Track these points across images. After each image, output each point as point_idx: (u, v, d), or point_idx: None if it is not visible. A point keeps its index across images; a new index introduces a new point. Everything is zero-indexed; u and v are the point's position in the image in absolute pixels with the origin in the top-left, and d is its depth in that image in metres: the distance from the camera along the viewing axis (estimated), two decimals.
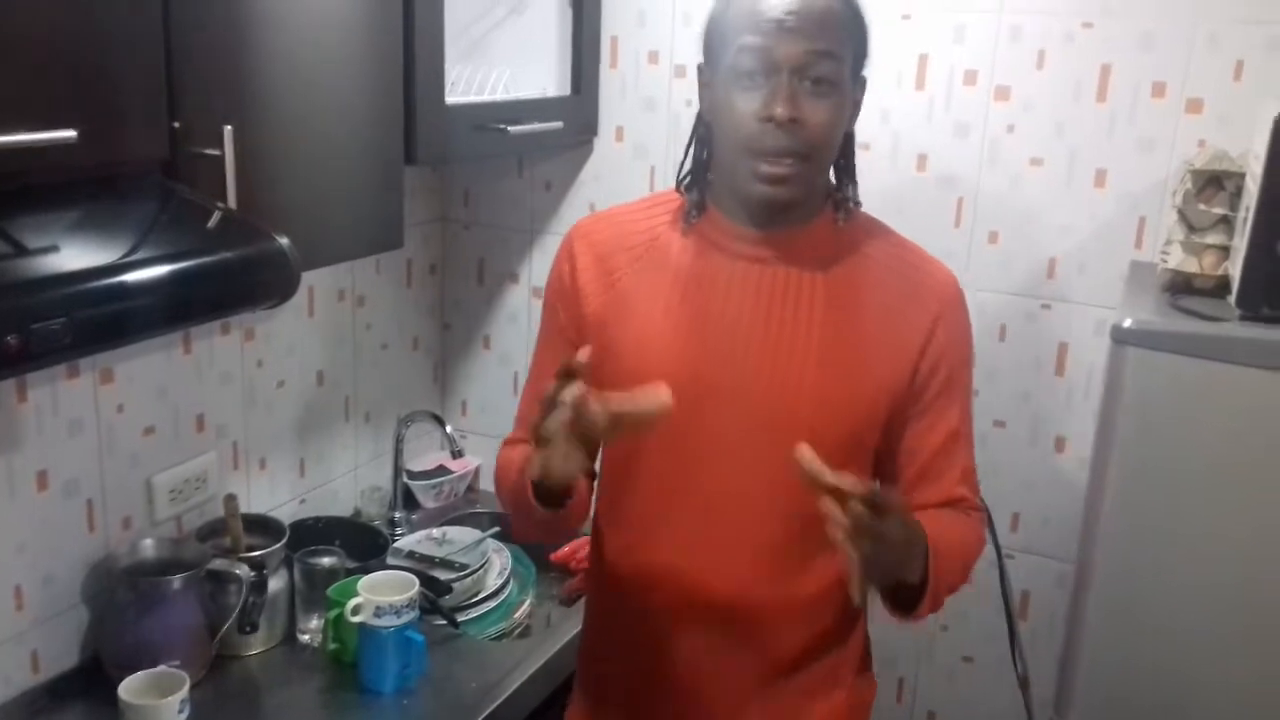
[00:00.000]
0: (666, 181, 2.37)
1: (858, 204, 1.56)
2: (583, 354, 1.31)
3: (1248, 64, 1.94)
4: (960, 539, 1.56)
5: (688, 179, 1.57)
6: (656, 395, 1.30)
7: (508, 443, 1.67)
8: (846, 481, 1.27)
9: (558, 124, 2.24)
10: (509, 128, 2.08)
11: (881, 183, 2.22)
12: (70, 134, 1.26)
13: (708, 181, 1.55)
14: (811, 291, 1.50)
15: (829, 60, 1.40)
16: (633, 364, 1.49)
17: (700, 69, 1.51)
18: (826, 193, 1.54)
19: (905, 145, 2.19)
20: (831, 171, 1.54)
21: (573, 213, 2.51)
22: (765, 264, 1.50)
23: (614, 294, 1.55)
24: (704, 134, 1.54)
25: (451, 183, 2.63)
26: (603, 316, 1.55)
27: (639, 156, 2.42)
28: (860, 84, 1.48)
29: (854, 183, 1.56)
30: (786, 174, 1.42)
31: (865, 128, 2.17)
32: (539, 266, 2.58)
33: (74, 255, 1.30)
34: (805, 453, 1.28)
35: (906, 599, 1.47)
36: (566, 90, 2.34)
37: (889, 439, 1.56)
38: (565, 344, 1.57)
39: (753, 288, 1.50)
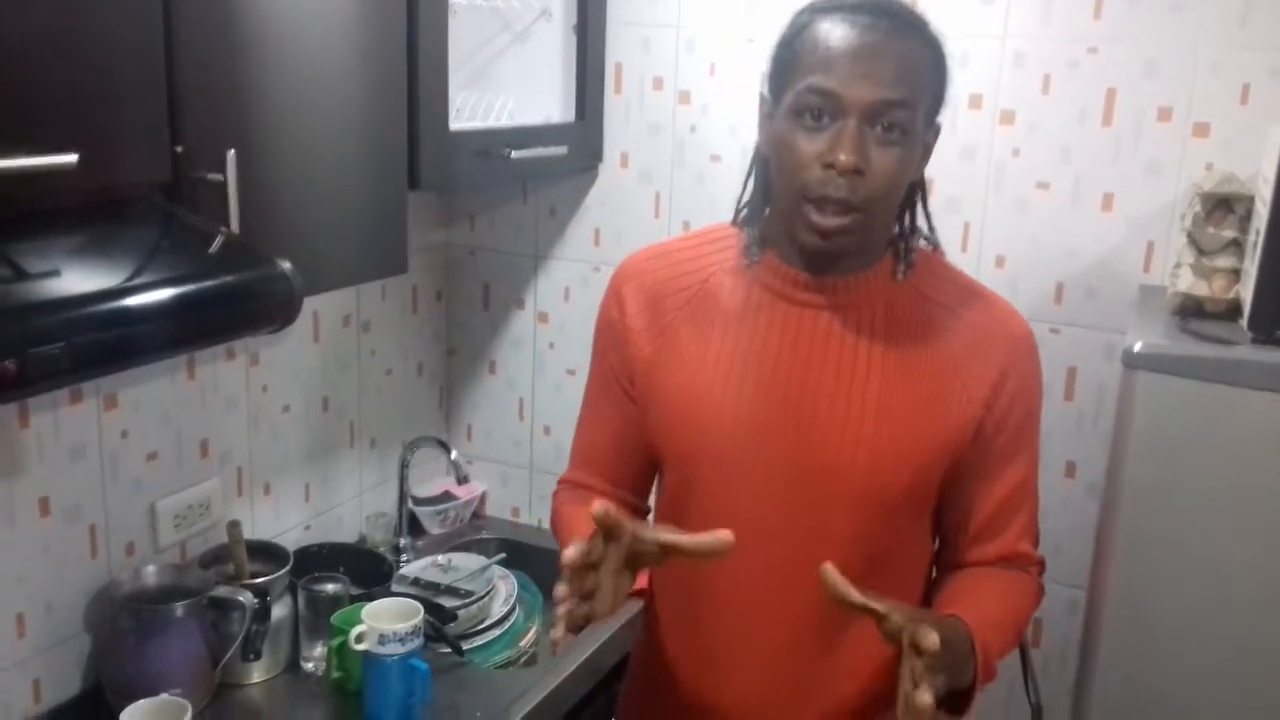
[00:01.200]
0: (672, 207, 2.38)
1: (934, 246, 1.50)
2: (598, 506, 1.21)
3: (1254, 88, 1.93)
4: (1014, 608, 1.49)
5: (744, 214, 1.51)
6: (720, 540, 1.23)
7: (564, 482, 1.64)
8: (876, 603, 1.23)
9: (562, 149, 2.24)
10: (513, 153, 2.08)
11: None
12: (71, 158, 1.25)
13: (764, 218, 1.49)
14: (870, 340, 1.43)
15: (903, 108, 1.31)
16: (682, 412, 1.46)
17: (762, 98, 1.41)
18: (889, 240, 1.46)
19: None
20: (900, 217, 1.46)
21: (578, 238, 2.51)
22: (820, 310, 1.43)
23: (665, 339, 1.50)
24: (762, 168, 1.47)
25: (457, 209, 2.63)
26: (653, 362, 1.50)
27: (644, 182, 2.41)
28: (934, 130, 1.40)
29: (920, 230, 1.48)
30: (843, 226, 1.33)
31: None
32: (544, 292, 2.58)
33: (74, 280, 1.30)
34: (830, 572, 1.24)
35: (953, 702, 1.32)
36: (571, 117, 2.34)
37: (952, 493, 1.48)
38: (618, 387, 1.55)
39: (807, 335, 1.43)
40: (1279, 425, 1.54)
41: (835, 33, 1.32)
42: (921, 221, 1.48)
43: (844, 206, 1.32)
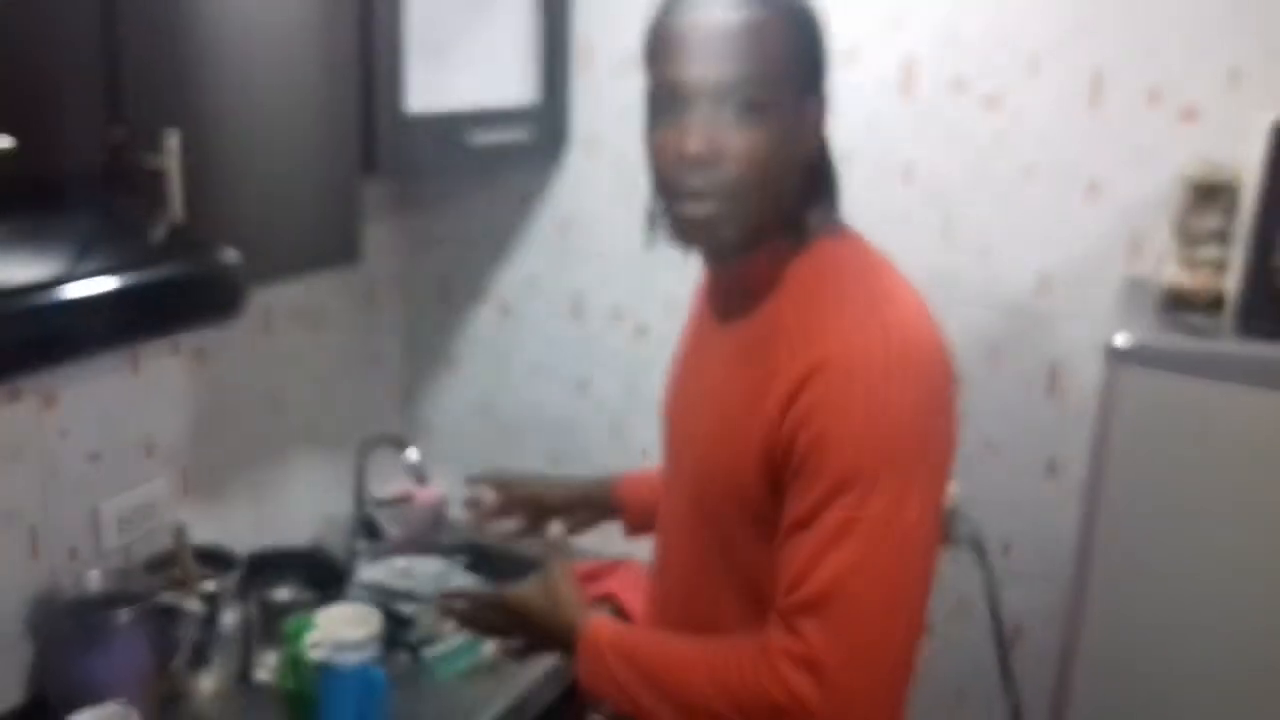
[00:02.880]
0: (645, 195, 2.32)
1: (839, 229, 1.38)
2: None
3: (1243, 74, 1.90)
4: (680, 680, 1.31)
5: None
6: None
7: None
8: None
9: (526, 133, 2.20)
10: (474, 137, 2.04)
11: (867, 194, 2.16)
12: (6, 143, 1.23)
13: None
14: (728, 336, 1.38)
15: (755, 83, 1.23)
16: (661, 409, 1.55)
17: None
18: (782, 221, 1.32)
19: (892, 156, 2.15)
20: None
21: (543, 226, 2.47)
22: (712, 303, 1.43)
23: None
24: None
25: (415, 195, 2.58)
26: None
27: (615, 168, 2.36)
28: (815, 100, 1.31)
29: (824, 208, 1.36)
30: (708, 215, 1.26)
31: (849, 137, 2.13)
32: (508, 282, 2.53)
33: (6, 271, 1.26)
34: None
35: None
36: (536, 97, 2.28)
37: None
38: None
39: (697, 330, 1.48)
40: (1264, 419, 1.55)
41: (673, 21, 1.26)
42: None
43: (705, 192, 1.25)
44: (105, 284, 1.32)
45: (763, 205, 1.28)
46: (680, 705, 1.31)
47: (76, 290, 1.29)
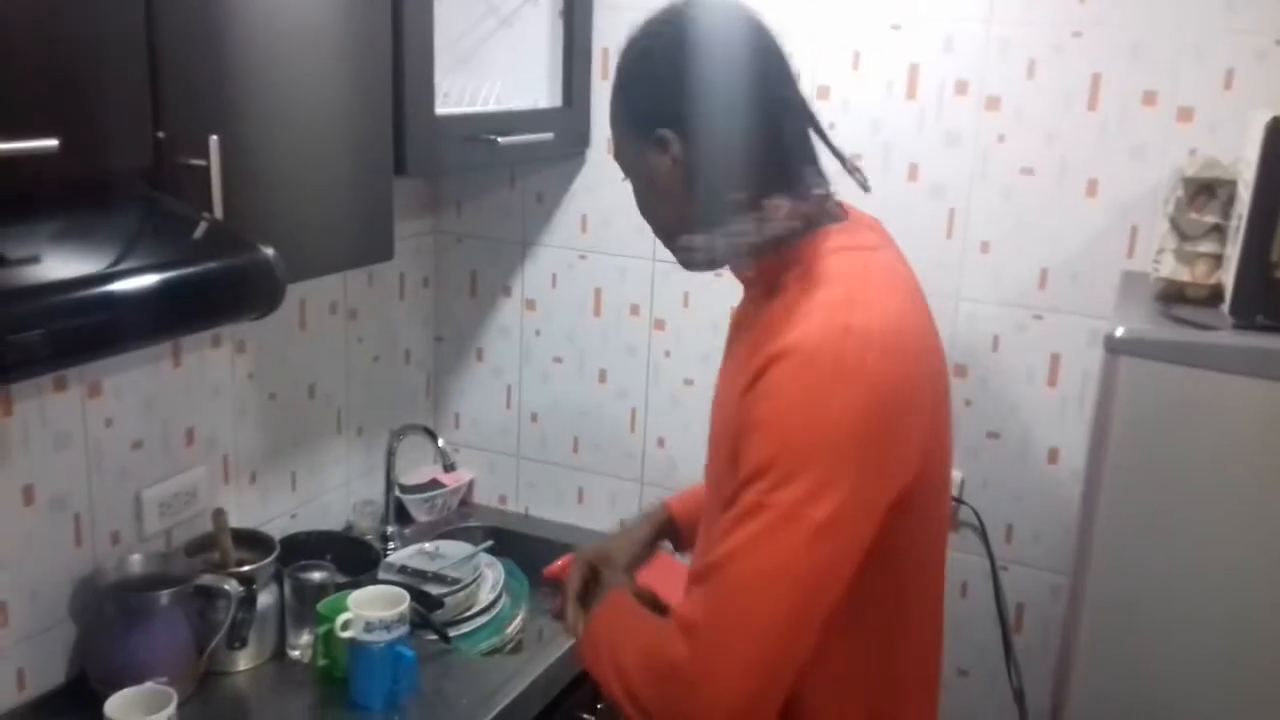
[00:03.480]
0: None
1: (843, 221, 1.41)
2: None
3: (1238, 73, 1.93)
4: (617, 643, 1.36)
5: None
6: None
7: None
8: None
9: (549, 135, 2.23)
10: (499, 139, 2.07)
11: (872, 193, 2.20)
12: (52, 143, 1.25)
13: None
14: (740, 338, 1.43)
15: (617, 155, 1.44)
16: None
17: None
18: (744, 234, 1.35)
19: (896, 155, 2.18)
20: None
21: (565, 225, 2.51)
22: (736, 311, 1.53)
23: None
24: None
25: (443, 195, 2.62)
26: None
27: None
28: (652, 140, 1.34)
29: (732, 226, 1.35)
30: (671, 251, 1.44)
31: (856, 138, 2.19)
32: (531, 278, 2.57)
33: (55, 266, 1.29)
34: None
35: None
36: (558, 102, 2.33)
37: None
38: None
39: (730, 335, 1.55)
40: (1260, 410, 1.54)
41: None
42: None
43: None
44: (149, 279, 1.34)
45: (685, 235, 1.38)
46: (614, 666, 1.34)
47: (122, 285, 1.32)
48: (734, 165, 1.33)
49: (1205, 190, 1.72)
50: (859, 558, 1.23)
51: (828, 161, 1.44)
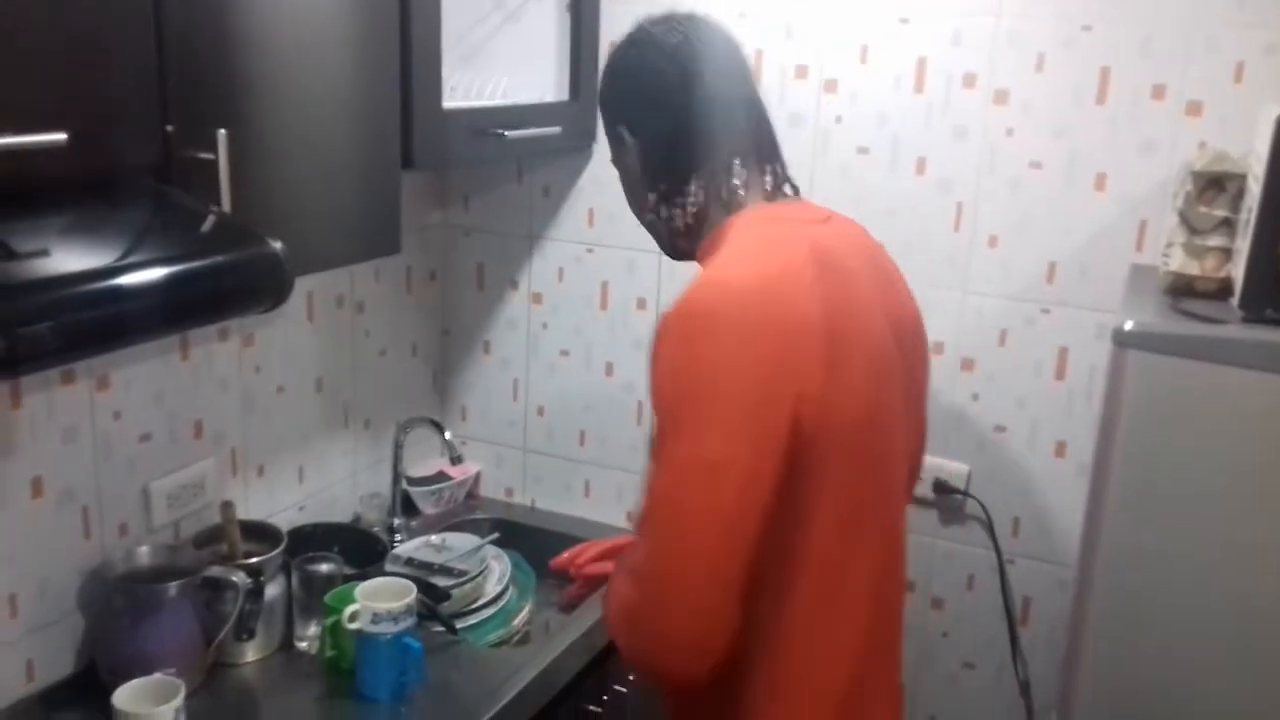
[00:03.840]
0: None
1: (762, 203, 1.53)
2: None
3: (1248, 67, 1.93)
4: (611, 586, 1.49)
5: None
6: None
7: None
8: None
9: (556, 129, 2.23)
10: (507, 133, 2.07)
11: (880, 186, 2.21)
12: (60, 137, 1.25)
13: None
14: None
15: (609, 144, 1.63)
16: None
17: None
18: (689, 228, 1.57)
19: (904, 149, 2.18)
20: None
21: (572, 218, 2.51)
22: None
23: None
24: None
25: (450, 189, 2.62)
26: None
27: None
28: (618, 135, 1.59)
29: (671, 208, 1.56)
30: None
31: (863, 131, 2.19)
32: (538, 272, 2.58)
33: (64, 259, 1.29)
34: None
35: None
36: (565, 96, 2.33)
37: None
38: None
39: None
40: (1269, 404, 1.54)
41: None
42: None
43: None
44: (157, 272, 1.34)
45: (650, 215, 1.60)
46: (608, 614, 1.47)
47: (130, 278, 1.31)
48: (665, 158, 1.54)
49: (1214, 184, 1.71)
50: (765, 497, 1.32)
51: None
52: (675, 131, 1.51)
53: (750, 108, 1.57)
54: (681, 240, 1.59)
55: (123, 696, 1.65)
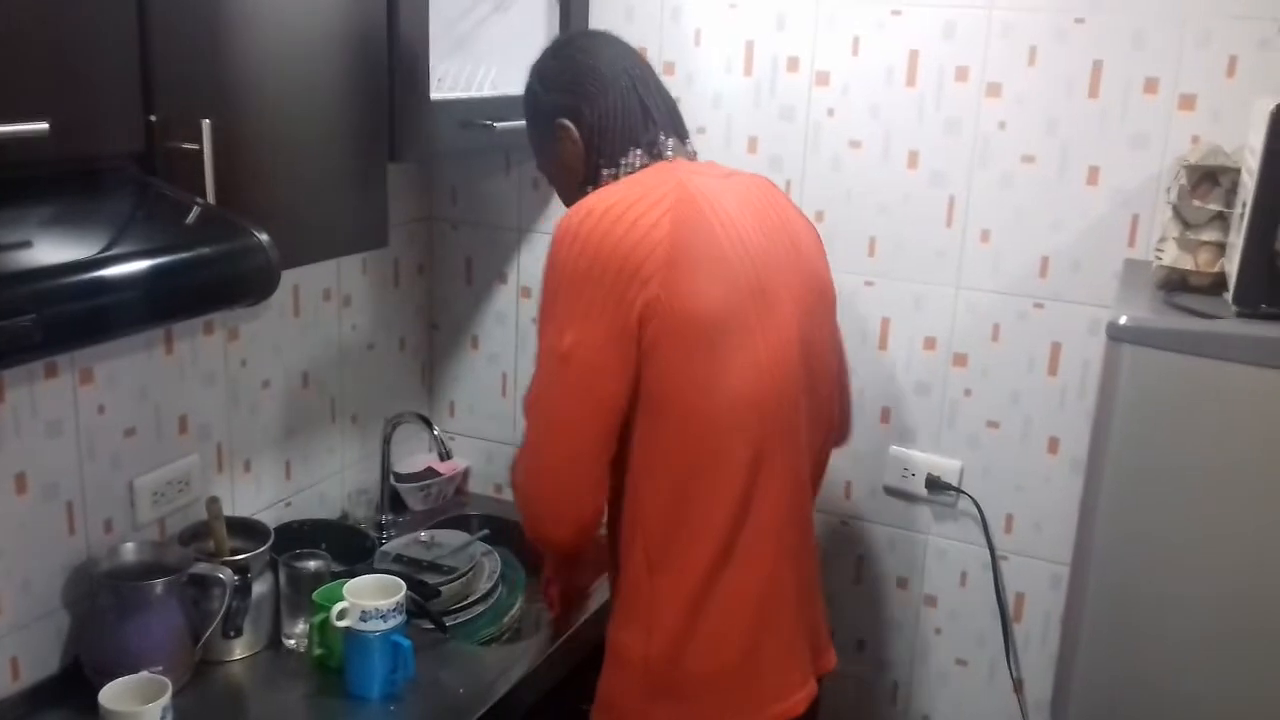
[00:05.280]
0: None
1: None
2: None
3: (1241, 60, 1.92)
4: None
5: None
6: None
7: None
8: None
9: None
10: (495, 124, 2.06)
11: (871, 180, 2.20)
12: (42, 126, 1.24)
13: None
14: None
15: (537, 154, 1.85)
16: None
17: None
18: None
19: (896, 142, 2.17)
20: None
21: (561, 212, 2.47)
22: None
23: None
24: None
25: (438, 181, 2.61)
26: None
27: None
28: (553, 129, 1.75)
29: (611, 167, 1.73)
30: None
31: (855, 125, 2.18)
32: (527, 266, 2.56)
33: (46, 251, 1.28)
34: None
35: None
36: None
37: None
38: None
39: None
40: (1263, 399, 1.53)
41: None
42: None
43: None
44: (142, 264, 1.34)
45: (576, 195, 1.73)
46: None
47: (114, 270, 1.31)
48: (603, 134, 1.73)
49: (1208, 178, 1.71)
50: (611, 386, 1.57)
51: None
52: (610, 111, 1.71)
53: (663, 94, 1.78)
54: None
55: (109, 695, 1.64)
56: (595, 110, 1.71)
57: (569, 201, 1.77)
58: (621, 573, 1.69)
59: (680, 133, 1.78)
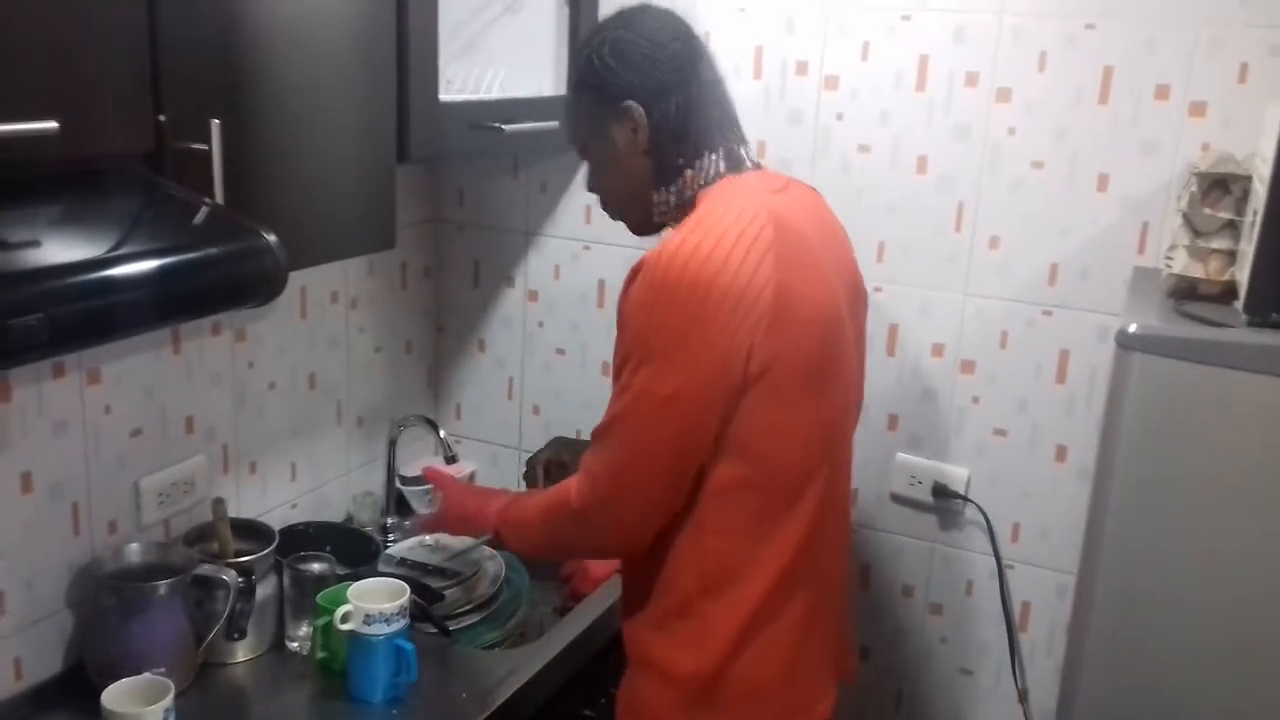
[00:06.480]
0: None
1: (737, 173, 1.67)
2: None
3: (1252, 67, 1.92)
4: (532, 509, 1.78)
5: None
6: None
7: None
8: None
9: (554, 124, 2.21)
10: (504, 126, 2.05)
11: (880, 184, 2.20)
12: (52, 125, 1.24)
13: None
14: None
15: (577, 145, 1.75)
16: None
17: None
18: (658, 201, 1.70)
19: (905, 147, 2.17)
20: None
21: (569, 215, 2.49)
22: None
23: None
24: None
25: (446, 184, 2.61)
26: None
27: None
28: (618, 113, 1.64)
29: (676, 183, 1.67)
30: (612, 217, 1.79)
31: (864, 129, 2.17)
32: (535, 269, 2.56)
33: (54, 250, 1.28)
34: None
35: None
36: (563, 90, 2.30)
37: None
38: None
39: None
40: (1274, 408, 1.52)
41: None
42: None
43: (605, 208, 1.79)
44: (149, 264, 1.33)
45: (632, 208, 1.73)
46: (531, 542, 1.79)
47: (122, 269, 1.31)
48: (685, 129, 1.64)
49: (1219, 185, 1.71)
50: (708, 427, 1.54)
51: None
52: (688, 105, 1.63)
53: (727, 91, 1.72)
54: (661, 214, 1.71)
55: (111, 696, 1.63)
56: (672, 101, 1.62)
57: (610, 193, 1.74)
58: (668, 589, 1.65)
59: (744, 137, 1.72)
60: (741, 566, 1.61)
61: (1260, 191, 1.57)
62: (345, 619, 1.83)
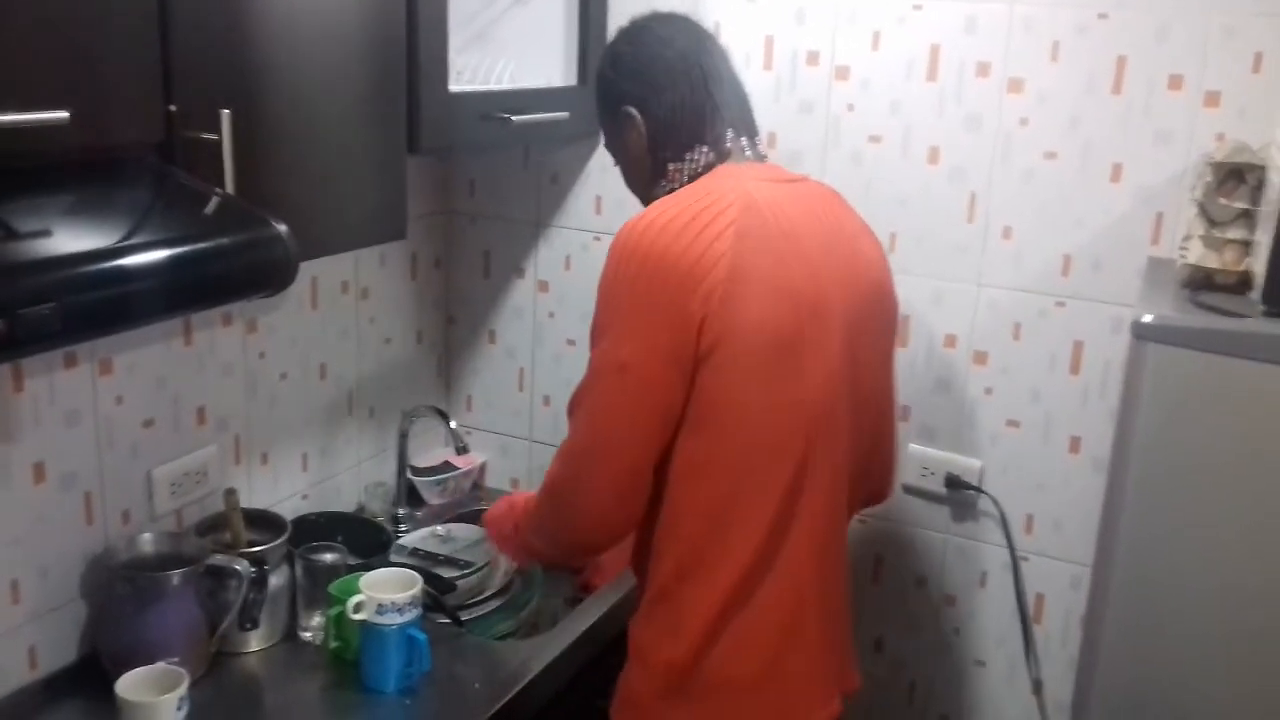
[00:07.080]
0: None
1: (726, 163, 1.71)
2: None
3: (1266, 56, 1.90)
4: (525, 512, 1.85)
5: None
6: None
7: None
8: None
9: (564, 114, 2.21)
10: (514, 117, 2.05)
11: (891, 175, 2.19)
12: (62, 115, 1.24)
13: None
14: None
15: (607, 144, 1.85)
16: None
17: None
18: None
19: (916, 138, 2.16)
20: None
21: (579, 205, 2.49)
22: None
23: None
24: None
25: (457, 175, 2.61)
26: None
27: None
28: (621, 118, 1.75)
29: (666, 176, 1.74)
30: None
31: (875, 120, 2.17)
32: (545, 260, 2.56)
33: (66, 239, 1.28)
34: None
35: None
36: (573, 81, 2.31)
37: None
38: None
39: None
40: None
41: None
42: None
43: None
44: (161, 254, 1.33)
45: (646, 189, 1.78)
46: (528, 530, 1.82)
47: (133, 259, 1.30)
48: (676, 127, 1.72)
49: (1234, 175, 1.70)
50: (666, 399, 1.56)
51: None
52: (678, 105, 1.71)
53: (735, 86, 1.76)
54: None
55: (125, 685, 1.64)
56: (662, 103, 1.71)
57: (633, 187, 1.82)
58: (650, 576, 1.68)
59: (750, 130, 1.76)
60: (713, 550, 1.61)
61: (1276, 181, 1.56)
62: (358, 609, 1.83)
